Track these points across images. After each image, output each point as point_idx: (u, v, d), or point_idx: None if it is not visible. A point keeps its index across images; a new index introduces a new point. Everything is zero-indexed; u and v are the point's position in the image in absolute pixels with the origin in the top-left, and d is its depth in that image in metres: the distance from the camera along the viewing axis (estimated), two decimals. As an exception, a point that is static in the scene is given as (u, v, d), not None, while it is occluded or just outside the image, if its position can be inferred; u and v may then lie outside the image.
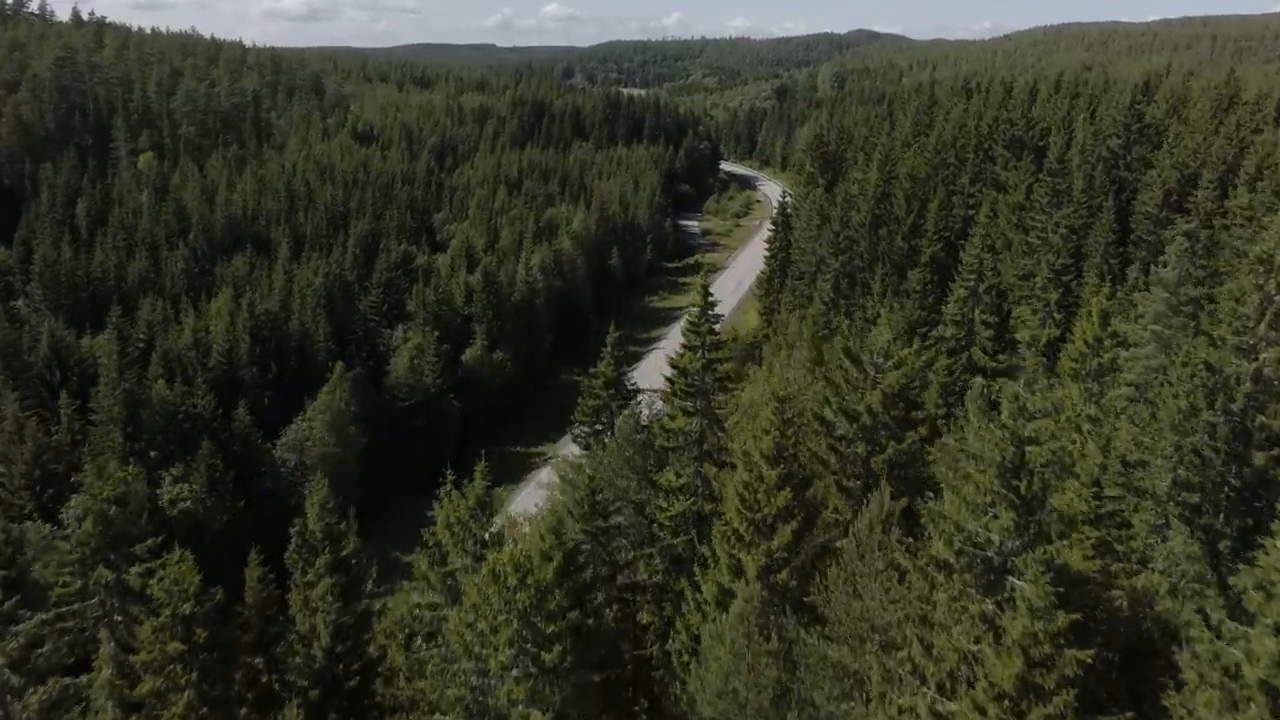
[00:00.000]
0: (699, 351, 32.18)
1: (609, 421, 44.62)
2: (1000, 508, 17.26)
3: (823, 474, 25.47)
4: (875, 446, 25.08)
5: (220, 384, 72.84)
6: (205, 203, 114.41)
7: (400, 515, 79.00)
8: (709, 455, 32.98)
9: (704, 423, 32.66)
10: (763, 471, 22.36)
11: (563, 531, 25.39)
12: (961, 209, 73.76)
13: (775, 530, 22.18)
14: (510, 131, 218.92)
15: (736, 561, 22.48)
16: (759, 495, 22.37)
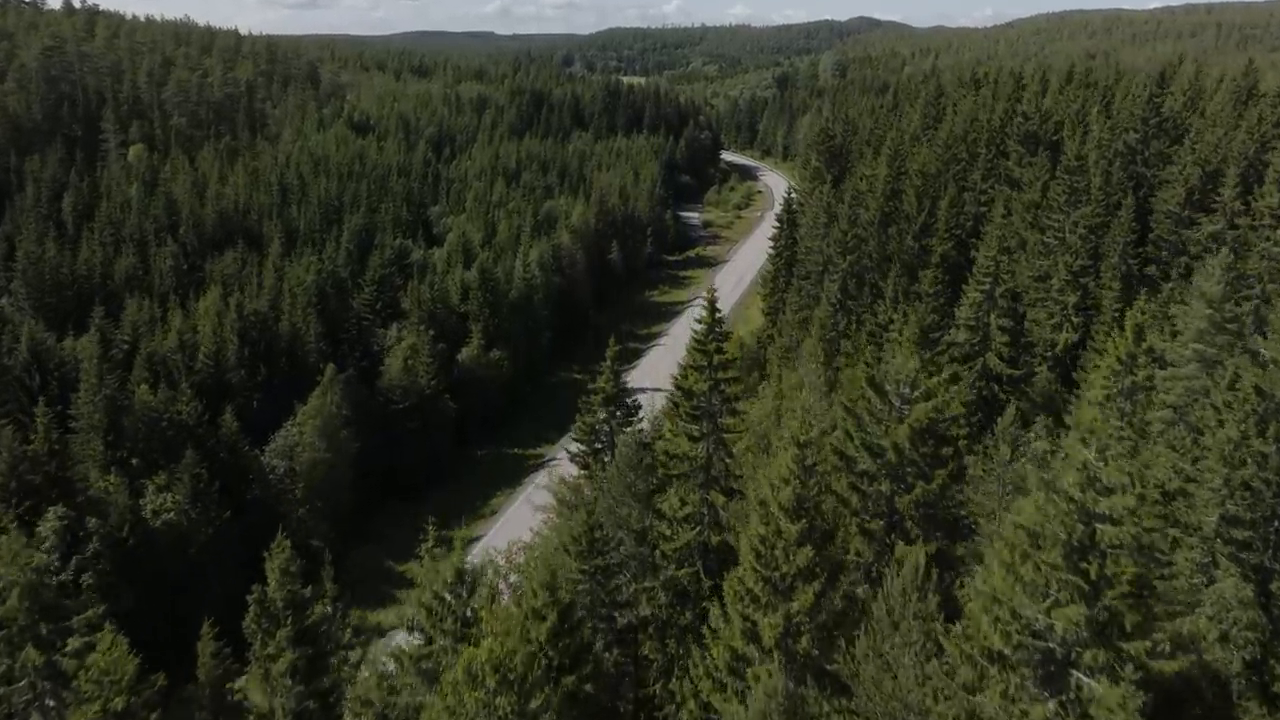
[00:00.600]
0: (705, 372, 29.81)
1: (608, 440, 42.39)
2: (1064, 592, 15.02)
3: (843, 514, 23.28)
4: (901, 485, 22.86)
5: (207, 387, 70.56)
6: (196, 196, 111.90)
7: (395, 519, 76.87)
8: (716, 482, 30.72)
9: (711, 447, 30.36)
10: (781, 525, 20.11)
11: (557, 586, 23.09)
12: (973, 206, 71.33)
13: (795, 591, 19.96)
14: (508, 121, 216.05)
15: (751, 625, 20.32)
16: (777, 551, 20.14)
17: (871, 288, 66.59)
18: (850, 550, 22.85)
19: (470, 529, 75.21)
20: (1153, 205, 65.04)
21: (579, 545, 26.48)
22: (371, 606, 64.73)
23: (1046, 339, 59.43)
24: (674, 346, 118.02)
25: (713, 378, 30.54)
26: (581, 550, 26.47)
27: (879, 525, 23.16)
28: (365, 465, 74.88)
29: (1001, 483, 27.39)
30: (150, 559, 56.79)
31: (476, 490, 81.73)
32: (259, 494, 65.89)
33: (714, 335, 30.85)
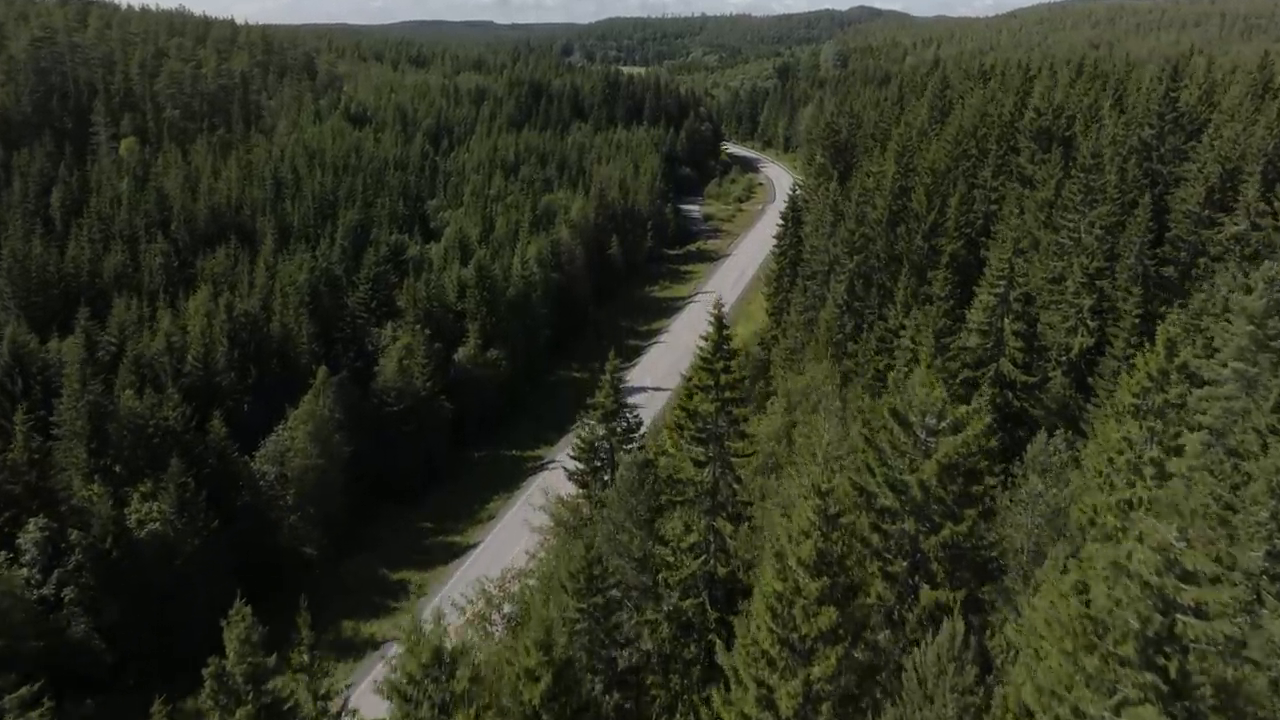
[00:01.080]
0: (712, 392, 27.88)
1: (608, 457, 40.46)
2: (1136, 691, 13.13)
3: (863, 555, 21.45)
4: (927, 525, 21.04)
5: (196, 390, 68.66)
6: (188, 191, 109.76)
7: (391, 524, 75.04)
8: (722, 508, 28.82)
9: (718, 471, 28.46)
10: (800, 582, 18.24)
11: (552, 644, 21.19)
12: (984, 204, 69.33)
13: (816, 655, 18.11)
14: (507, 113, 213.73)
15: (767, 691, 18.46)
16: (795, 611, 18.28)
17: (879, 288, 64.64)
18: (871, 594, 21.05)
19: (467, 535, 73.51)
20: (1169, 204, 63.03)
21: (576, 582, 24.66)
22: (365, 617, 62.94)
23: (1060, 343, 57.49)
24: (674, 344, 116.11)
25: (720, 398, 28.62)
26: (580, 588, 24.64)
27: (902, 567, 21.35)
28: (359, 469, 73.02)
29: (1032, 514, 25.56)
30: (135, 570, 55.00)
31: (474, 493, 79.86)
32: (249, 500, 64.02)
33: (721, 353, 28.92)
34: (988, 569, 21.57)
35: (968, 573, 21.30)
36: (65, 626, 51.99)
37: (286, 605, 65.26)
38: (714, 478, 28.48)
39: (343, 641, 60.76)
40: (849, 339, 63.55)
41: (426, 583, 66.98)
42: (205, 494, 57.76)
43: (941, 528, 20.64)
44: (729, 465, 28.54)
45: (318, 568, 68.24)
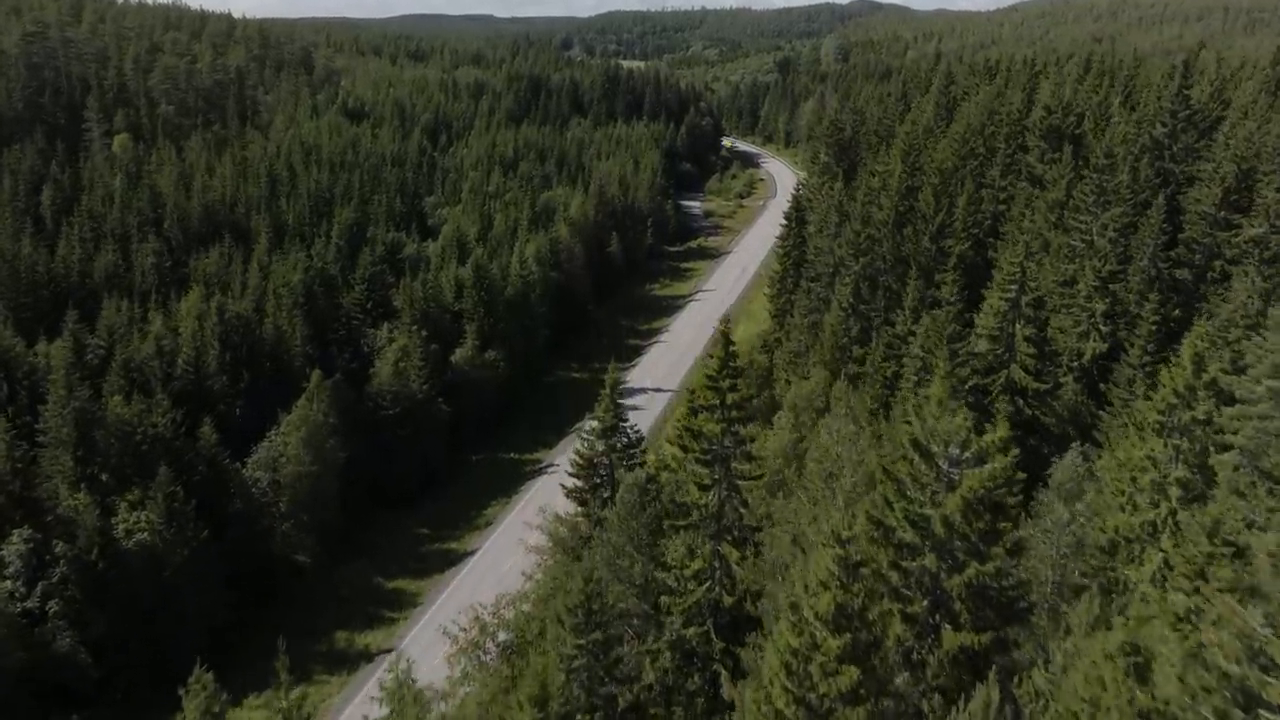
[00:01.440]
0: (718, 412, 26.41)
1: (608, 475, 38.92)
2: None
3: (879, 592, 20.01)
4: (949, 562, 19.63)
5: (186, 395, 67.22)
6: (182, 189, 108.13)
7: (386, 531, 73.62)
8: (728, 532, 27.37)
9: (724, 494, 26.99)
10: (818, 637, 16.86)
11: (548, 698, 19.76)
12: (991, 204, 67.77)
13: (834, 715, 16.73)
14: (506, 108, 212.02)
15: (781, 755, 17.17)
16: (813, 668, 16.90)
17: (885, 291, 63.14)
18: (890, 636, 19.65)
19: (464, 542, 72.09)
20: (1183, 204, 61.48)
21: (575, 617, 23.23)
22: (359, 628, 61.51)
23: (1072, 348, 56.00)
24: (675, 343, 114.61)
25: (726, 418, 27.14)
26: (578, 623, 23.20)
27: (922, 606, 19.94)
28: (354, 474, 71.67)
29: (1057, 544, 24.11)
30: (123, 581, 53.63)
31: (472, 498, 78.42)
32: (240, 508, 62.58)
33: (727, 370, 27.41)
34: (1014, 608, 20.17)
35: (992, 612, 19.91)
36: (50, 640, 50.57)
37: (278, 614, 64.30)
38: (719, 501, 27.05)
39: (336, 653, 59.37)
40: (854, 342, 62.09)
41: (422, 591, 65.59)
42: (195, 503, 56.37)
43: (966, 566, 19.22)
44: (735, 488, 27.13)
45: (311, 575, 66.87)
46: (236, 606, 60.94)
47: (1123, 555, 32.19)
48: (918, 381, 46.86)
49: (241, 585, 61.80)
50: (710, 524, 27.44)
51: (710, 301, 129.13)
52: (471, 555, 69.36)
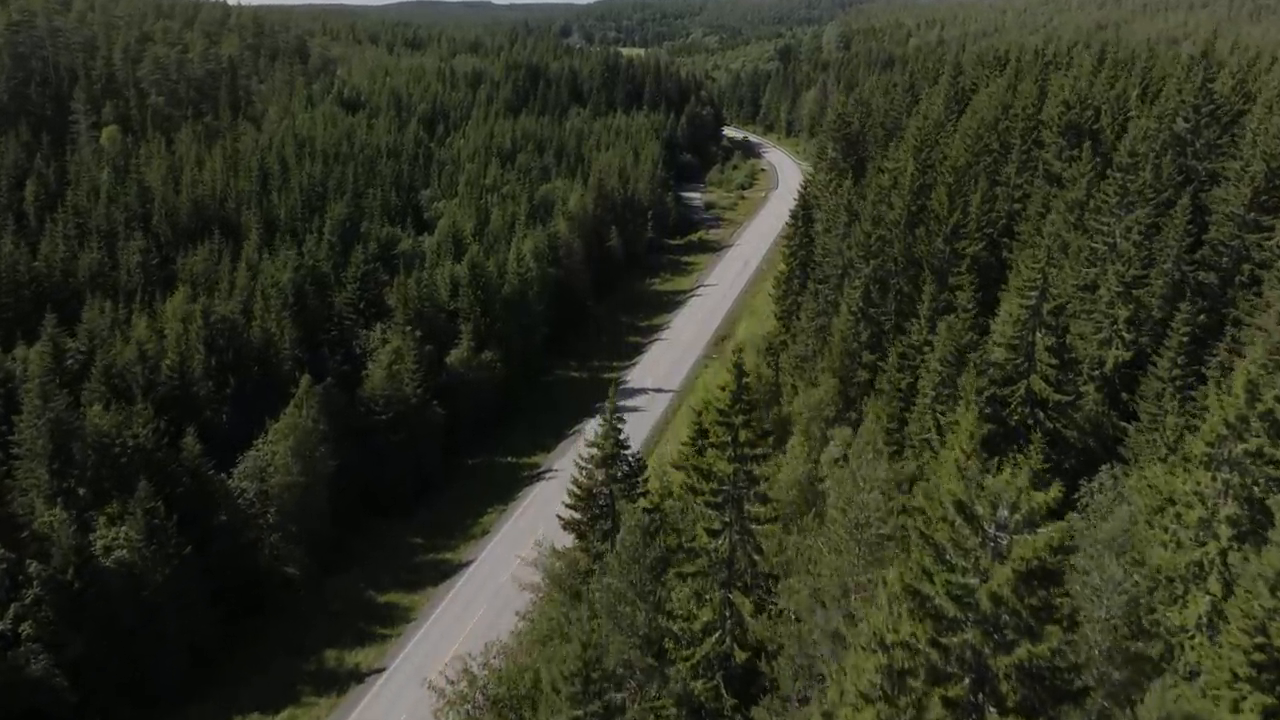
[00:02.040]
0: (730, 450, 23.95)
1: (608, 506, 36.35)
2: None
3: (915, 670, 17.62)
4: (997, 639, 17.26)
5: (171, 402, 64.74)
6: (171, 183, 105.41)
7: (379, 541, 71.23)
8: (740, 579, 24.95)
9: (735, 538, 24.56)
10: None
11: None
12: (1006, 203, 65.17)
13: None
14: (504, 97, 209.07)
15: None
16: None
17: (897, 294, 60.62)
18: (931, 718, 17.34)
19: (459, 552, 69.71)
20: (1207, 203, 58.86)
21: (572, 686, 20.83)
22: (349, 645, 59.19)
23: (1092, 356, 53.53)
24: (676, 340, 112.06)
25: (738, 455, 24.69)
26: (575, 692, 20.81)
27: (964, 688, 17.56)
28: (345, 481, 69.33)
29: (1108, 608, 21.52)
30: (101, 601, 51.28)
31: (468, 505, 76.04)
32: (226, 520, 60.18)
33: (740, 405, 24.94)
34: (1067, 687, 17.85)
35: (1044, 693, 17.59)
36: (24, 664, 48.22)
37: (266, 629, 62.01)
38: (730, 546, 24.64)
39: (325, 673, 57.09)
40: (864, 348, 59.60)
41: (415, 606, 63.25)
42: (177, 518, 53.97)
43: (1016, 645, 16.89)
44: (748, 533, 24.74)
45: (301, 588, 64.60)
46: (224, 620, 58.76)
47: (1163, 595, 29.81)
48: (935, 397, 44.37)
49: (228, 599, 59.54)
50: (720, 570, 25.06)
51: (712, 297, 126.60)
52: (467, 567, 67.01)
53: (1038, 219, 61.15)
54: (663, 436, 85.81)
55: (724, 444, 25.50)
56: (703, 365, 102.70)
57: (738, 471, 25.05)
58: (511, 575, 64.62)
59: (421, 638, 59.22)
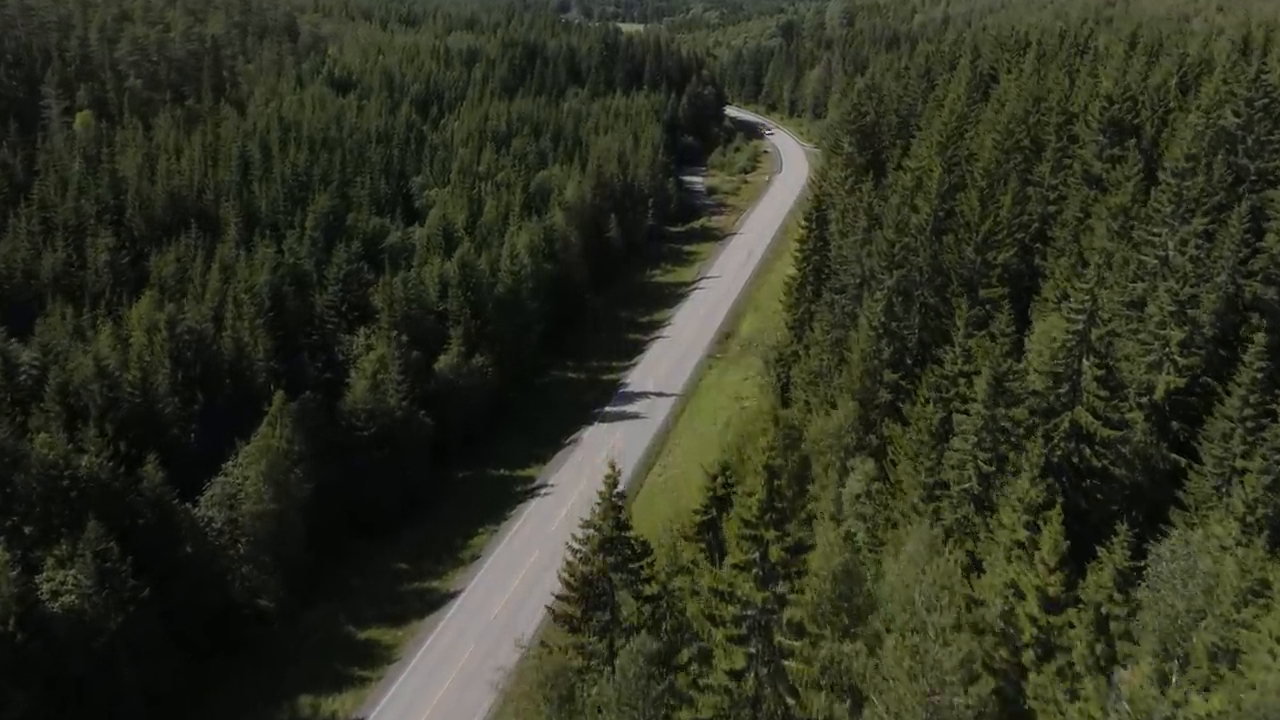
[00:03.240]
0: (758, 571, 19.04)
1: (607, 596, 31.40)
2: None
3: None
4: None
5: (133, 421, 59.73)
6: (146, 174, 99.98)
7: (360, 566, 66.37)
8: (768, 720, 20.06)
9: (762, 673, 19.67)
10: None
11: None
12: (1039, 205, 59.96)
13: None
14: (500, 76, 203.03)
15: None
16: None
17: (922, 308, 55.54)
18: None
19: (447, 580, 64.94)
20: (1265, 209, 53.65)
21: None
22: (326, 690, 54.45)
23: (1139, 381, 48.48)
24: (678, 337, 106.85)
25: (767, 575, 19.76)
26: None
27: None
28: (325, 502, 64.33)
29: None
30: (47, 653, 46.43)
31: (457, 525, 71.21)
32: (192, 552, 55.30)
33: (769, 515, 19.99)
34: None
35: None
36: (-42, 728, 43.56)
37: (239, 670, 57.26)
38: (756, 686, 19.85)
39: (299, 724, 52.45)
40: (886, 366, 54.57)
41: (399, 644, 58.51)
42: (131, 559, 49.03)
43: None
44: (779, 672, 19.93)
45: (276, 621, 59.87)
46: (191, 661, 54.07)
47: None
48: (978, 442, 39.39)
49: (194, 638, 54.87)
50: (744, 708, 20.25)
51: (715, 290, 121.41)
52: (455, 597, 62.25)
53: (1075, 225, 55.98)
54: (664, 447, 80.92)
55: (750, 563, 20.68)
56: (706, 366, 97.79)
57: (767, 596, 20.28)
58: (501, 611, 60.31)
59: (404, 682, 54.55)
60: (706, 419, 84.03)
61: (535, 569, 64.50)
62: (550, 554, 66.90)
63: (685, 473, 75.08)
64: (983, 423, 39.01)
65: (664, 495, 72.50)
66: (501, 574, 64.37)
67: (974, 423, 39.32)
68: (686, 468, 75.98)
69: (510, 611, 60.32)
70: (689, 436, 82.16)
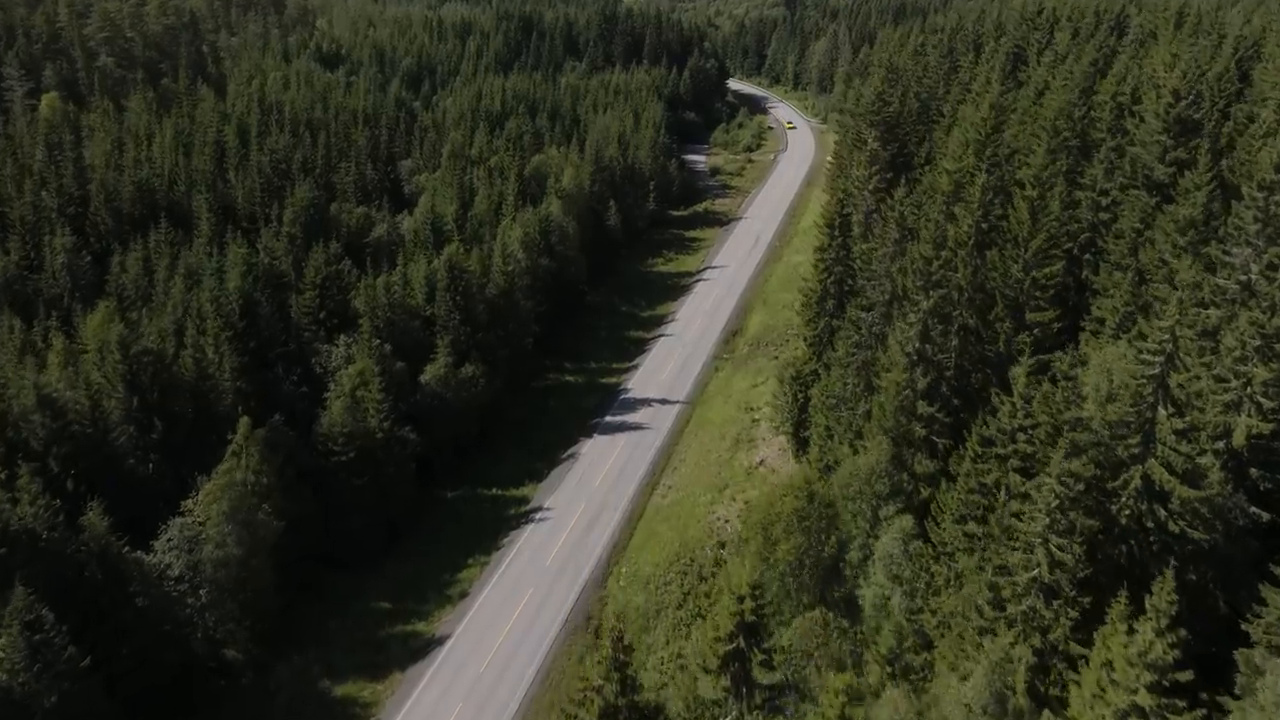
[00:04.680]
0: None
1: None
2: None
3: None
4: None
5: (82, 454, 53.92)
6: (113, 162, 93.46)
7: (338, 605, 60.54)
8: None
9: None
10: None
11: None
12: (1091, 212, 53.67)
13: None
14: (494, 50, 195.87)
15: None
16: None
17: (960, 330, 49.43)
18: None
19: (433, 622, 59.26)
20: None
21: None
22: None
23: (1214, 423, 42.43)
24: (683, 335, 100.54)
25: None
26: None
27: None
28: (299, 535, 58.60)
29: None
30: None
31: (444, 555, 65.46)
32: (146, 606, 49.53)
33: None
34: None
35: None
36: None
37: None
38: None
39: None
40: (920, 397, 48.52)
41: (378, 700, 52.99)
42: (69, 626, 43.25)
43: None
44: None
45: (244, 674, 54.37)
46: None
47: None
48: (1050, 524, 33.39)
49: (149, 701, 49.28)
50: None
51: (721, 281, 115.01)
52: (442, 645, 56.55)
53: (1133, 237, 49.73)
54: (668, 463, 75.02)
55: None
56: (712, 369, 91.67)
57: None
58: (493, 660, 54.73)
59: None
60: (714, 431, 78.04)
61: (529, 611, 58.98)
62: (545, 592, 61.47)
63: (691, 495, 69.34)
64: (1058, 501, 33.02)
65: (668, 522, 66.73)
66: (492, 616, 58.74)
67: (1046, 499, 33.39)
68: (692, 489, 70.24)
69: (502, 662, 54.79)
70: (695, 450, 76.24)
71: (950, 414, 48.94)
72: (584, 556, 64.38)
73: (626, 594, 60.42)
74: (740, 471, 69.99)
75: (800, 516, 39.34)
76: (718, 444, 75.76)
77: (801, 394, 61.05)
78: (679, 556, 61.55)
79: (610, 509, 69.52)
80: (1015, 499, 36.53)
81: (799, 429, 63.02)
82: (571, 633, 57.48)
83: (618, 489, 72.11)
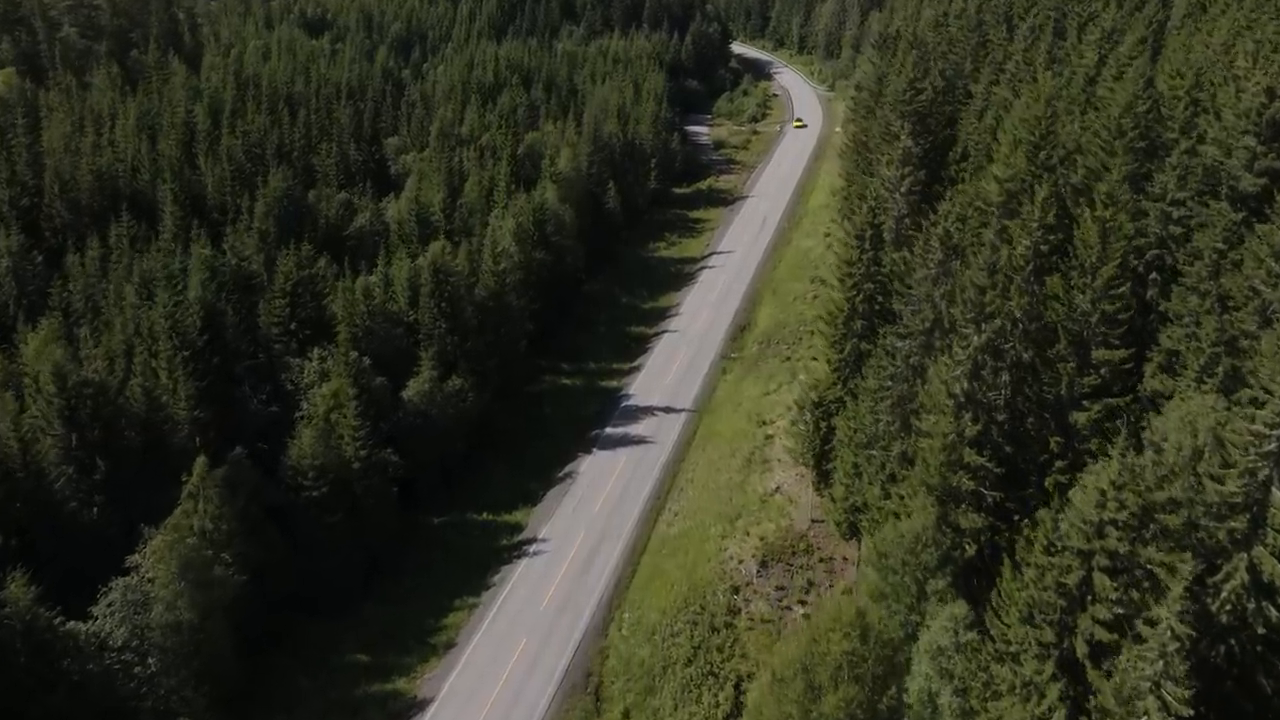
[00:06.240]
0: None
1: None
2: None
3: None
4: None
5: (14, 499, 47.66)
6: (72, 147, 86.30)
7: (310, 661, 54.32)
8: None
9: None
10: None
11: None
12: (1160, 225, 46.93)
13: None
14: (488, 14, 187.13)
15: None
16: None
17: (1014, 367, 42.94)
18: None
19: (415, 679, 53.26)
20: None
21: None
22: None
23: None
24: (687, 330, 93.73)
25: None
26: None
27: None
28: (266, 582, 52.59)
29: None
30: None
31: (429, 597, 59.30)
32: (80, 682, 43.40)
33: None
34: None
35: None
36: None
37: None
38: None
39: None
40: (967, 443, 42.08)
41: (352, 779, 47.21)
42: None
43: None
44: None
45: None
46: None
47: None
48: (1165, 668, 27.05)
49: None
50: None
51: (727, 268, 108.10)
52: (424, 710, 50.54)
53: (1215, 258, 43.04)
54: (674, 484, 68.76)
55: None
56: (720, 371, 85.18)
57: None
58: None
59: None
60: (723, 446, 71.67)
61: (523, 665, 53.02)
62: (540, 642, 55.37)
63: (699, 525, 63.06)
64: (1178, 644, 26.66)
65: (674, 557, 60.53)
66: (482, 672, 52.76)
67: (1161, 640, 27.04)
68: (701, 517, 63.97)
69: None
70: (703, 469, 69.95)
71: (1001, 463, 42.63)
72: (583, 597, 58.30)
73: (630, 645, 54.39)
74: (754, 498, 63.67)
75: (852, 661, 32.93)
76: (728, 461, 69.39)
77: (824, 423, 54.60)
78: (688, 602, 55.43)
79: (611, 539, 63.37)
80: (1101, 605, 30.17)
81: (820, 460, 56.61)
82: (569, 693, 51.60)
83: (619, 514, 65.93)
